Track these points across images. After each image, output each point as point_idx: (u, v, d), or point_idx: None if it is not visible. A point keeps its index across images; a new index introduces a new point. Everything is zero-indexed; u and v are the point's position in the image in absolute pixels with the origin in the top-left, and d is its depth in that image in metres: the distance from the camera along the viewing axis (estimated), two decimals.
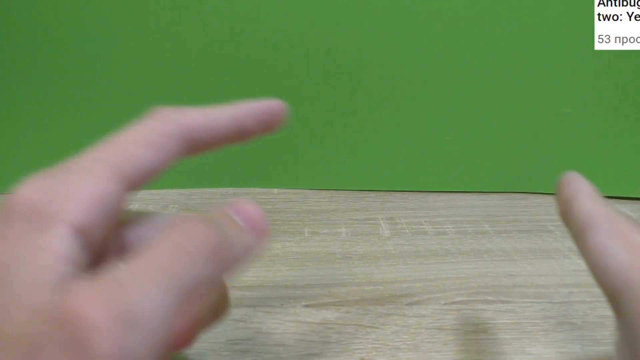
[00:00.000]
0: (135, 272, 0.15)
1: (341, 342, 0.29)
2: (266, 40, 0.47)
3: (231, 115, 0.22)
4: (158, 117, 0.20)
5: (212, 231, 0.16)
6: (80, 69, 0.48)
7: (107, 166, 0.17)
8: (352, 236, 0.41)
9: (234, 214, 0.18)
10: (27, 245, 0.15)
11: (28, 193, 0.16)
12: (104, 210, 0.17)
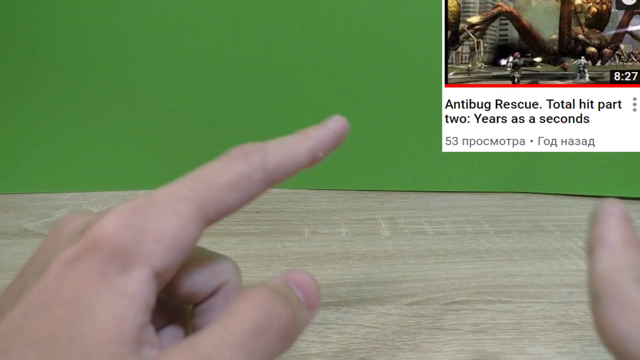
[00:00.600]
0: (219, 348, 0.14)
1: (341, 342, 0.29)
2: (266, 40, 0.47)
3: (309, 149, 0.22)
4: (245, 158, 0.20)
5: (288, 312, 0.16)
6: (80, 68, 0.48)
7: (193, 207, 0.17)
8: (352, 236, 0.41)
9: (295, 288, 0.18)
10: (109, 287, 0.14)
11: (117, 229, 0.15)
12: (184, 253, 0.16)
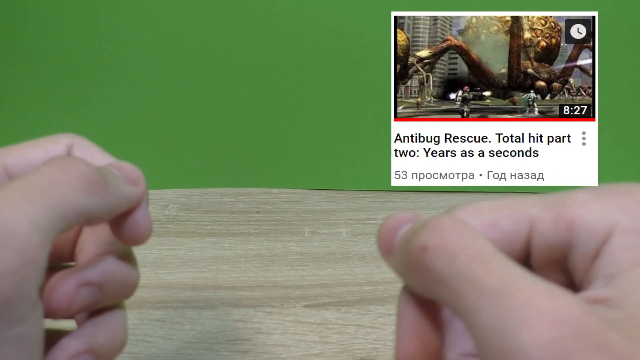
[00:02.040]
0: (7, 190, 0.16)
1: (341, 342, 0.29)
2: (266, 40, 0.47)
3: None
4: None
5: (87, 167, 0.18)
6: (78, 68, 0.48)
7: None
8: (352, 236, 0.41)
9: (111, 168, 0.20)
10: None
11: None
12: None
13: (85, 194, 0.17)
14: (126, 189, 0.19)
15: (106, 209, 0.18)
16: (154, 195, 0.48)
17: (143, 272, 0.35)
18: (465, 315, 0.14)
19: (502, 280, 0.14)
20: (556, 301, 0.13)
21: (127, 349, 0.28)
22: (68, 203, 0.17)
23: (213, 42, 0.47)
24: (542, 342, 0.13)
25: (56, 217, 0.16)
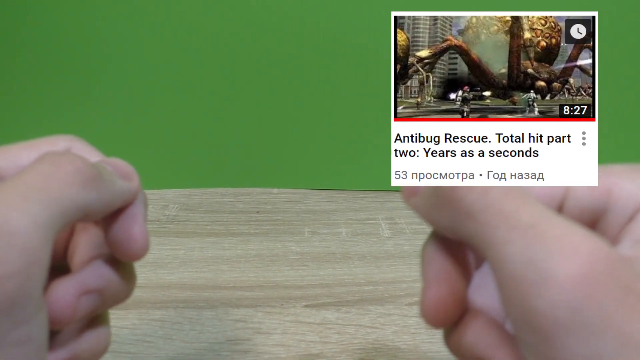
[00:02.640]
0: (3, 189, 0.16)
1: (341, 342, 0.29)
2: (266, 40, 0.47)
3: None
4: None
5: (85, 164, 0.18)
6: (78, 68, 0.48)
7: None
8: (352, 236, 0.41)
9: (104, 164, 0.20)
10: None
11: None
12: None
13: (82, 189, 0.17)
14: (120, 184, 0.19)
15: (102, 204, 0.18)
16: (154, 195, 0.48)
17: (143, 272, 0.35)
18: (492, 248, 0.15)
19: (535, 216, 0.15)
20: (591, 241, 0.14)
21: (127, 349, 0.28)
22: (66, 199, 0.17)
23: (213, 42, 0.47)
24: (575, 274, 0.13)
25: (55, 213, 0.16)
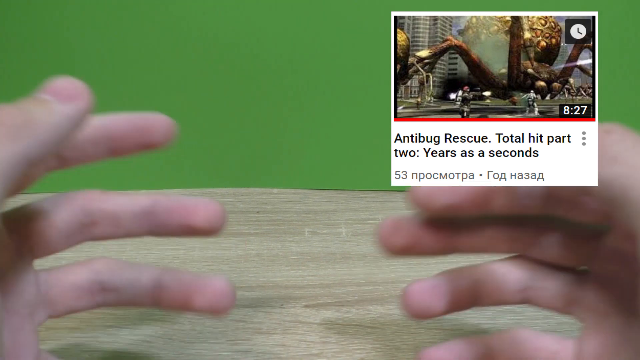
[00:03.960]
0: None
1: (341, 342, 0.29)
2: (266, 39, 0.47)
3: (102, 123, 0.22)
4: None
5: (7, 113, 0.17)
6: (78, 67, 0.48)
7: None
8: (352, 236, 0.41)
9: (40, 94, 0.18)
10: None
11: None
12: None
13: (11, 142, 0.16)
14: (61, 110, 0.18)
15: (45, 146, 0.17)
16: None
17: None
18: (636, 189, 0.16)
19: None
20: None
21: (127, 349, 0.28)
22: (3, 155, 0.16)
23: (212, 42, 0.47)
24: None
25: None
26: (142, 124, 0.23)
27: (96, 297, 0.23)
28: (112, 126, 0.23)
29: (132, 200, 0.23)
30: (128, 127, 0.23)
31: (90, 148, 0.22)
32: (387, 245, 0.23)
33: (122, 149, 0.23)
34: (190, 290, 0.22)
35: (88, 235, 0.23)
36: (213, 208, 0.23)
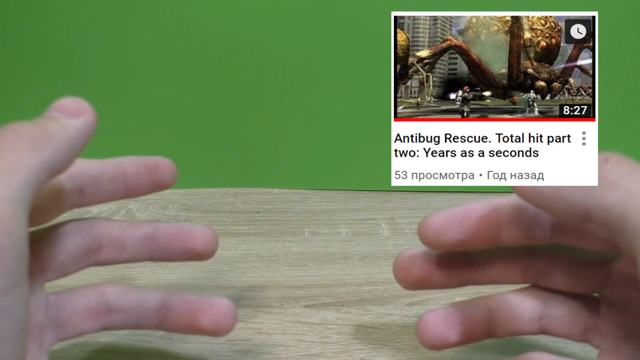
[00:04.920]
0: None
1: (341, 342, 0.29)
2: (266, 39, 0.47)
3: (118, 163, 0.25)
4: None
5: (26, 127, 0.18)
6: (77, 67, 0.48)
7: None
8: (352, 236, 0.41)
9: (49, 113, 0.20)
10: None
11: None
12: None
13: (33, 152, 0.18)
14: (72, 124, 0.20)
15: (62, 155, 0.19)
16: (154, 196, 0.48)
17: (143, 272, 0.35)
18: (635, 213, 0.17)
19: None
20: None
21: (127, 349, 0.28)
22: (21, 168, 0.17)
23: (212, 42, 0.47)
24: None
25: (17, 185, 0.17)
26: (152, 165, 0.25)
27: (102, 318, 0.24)
28: (127, 165, 0.25)
29: (135, 226, 0.25)
30: (140, 167, 0.25)
31: (110, 185, 0.24)
32: (403, 278, 0.24)
33: (136, 187, 0.25)
34: (195, 309, 0.24)
35: (94, 259, 0.24)
36: (209, 233, 0.25)
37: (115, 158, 0.25)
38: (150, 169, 0.25)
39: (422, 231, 0.22)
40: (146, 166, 0.25)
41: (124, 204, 0.46)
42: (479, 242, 0.22)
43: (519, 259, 0.24)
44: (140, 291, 0.24)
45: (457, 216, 0.22)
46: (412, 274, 0.23)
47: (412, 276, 0.23)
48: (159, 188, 0.25)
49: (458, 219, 0.22)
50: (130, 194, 0.25)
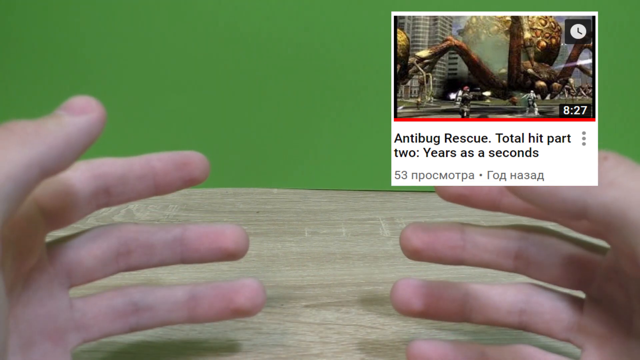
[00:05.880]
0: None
1: (341, 342, 0.29)
2: (266, 39, 0.47)
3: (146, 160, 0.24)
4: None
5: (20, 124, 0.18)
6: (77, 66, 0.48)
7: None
8: (352, 236, 0.41)
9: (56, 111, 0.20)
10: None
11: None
12: None
13: (21, 148, 0.17)
14: (71, 121, 0.19)
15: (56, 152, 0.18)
16: None
17: (143, 272, 0.35)
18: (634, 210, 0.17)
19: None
20: None
21: (127, 349, 0.28)
22: (5, 163, 0.17)
23: (213, 42, 0.47)
24: None
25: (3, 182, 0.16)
26: (181, 161, 0.25)
27: (130, 319, 0.24)
28: (156, 163, 0.24)
29: (164, 229, 0.25)
30: (169, 163, 0.24)
31: (138, 183, 0.24)
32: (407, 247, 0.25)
33: (166, 184, 0.25)
34: (229, 292, 0.24)
35: (124, 264, 0.24)
36: (239, 231, 0.25)
37: (144, 155, 0.24)
38: (180, 165, 0.24)
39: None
40: (176, 162, 0.24)
41: (124, 204, 0.46)
42: (481, 202, 0.24)
43: (512, 244, 0.24)
44: (166, 288, 0.25)
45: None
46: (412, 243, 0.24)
47: (411, 245, 0.24)
48: (190, 184, 0.25)
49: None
50: (160, 192, 0.25)
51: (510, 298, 0.24)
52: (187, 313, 0.24)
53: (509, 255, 0.24)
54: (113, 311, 0.24)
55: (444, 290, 0.24)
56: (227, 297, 0.24)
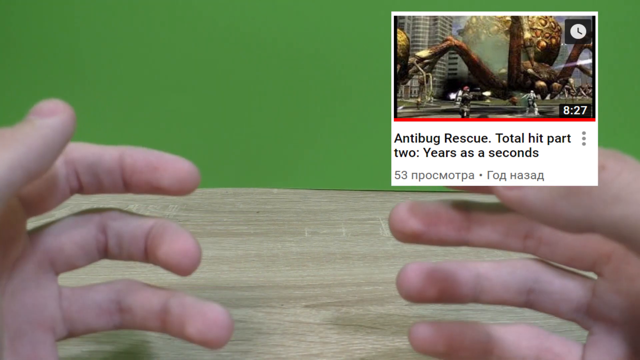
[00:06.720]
0: None
1: (341, 342, 0.29)
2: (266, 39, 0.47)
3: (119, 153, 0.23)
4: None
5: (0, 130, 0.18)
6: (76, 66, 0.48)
7: None
8: (352, 236, 0.41)
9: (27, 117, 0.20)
10: None
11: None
12: None
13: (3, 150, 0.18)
14: (45, 123, 0.19)
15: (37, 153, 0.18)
16: (154, 196, 0.48)
17: (143, 272, 0.35)
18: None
19: None
20: None
21: (127, 349, 0.28)
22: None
23: (212, 41, 0.47)
24: None
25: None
26: (153, 163, 0.22)
27: (114, 317, 0.23)
28: (127, 157, 0.22)
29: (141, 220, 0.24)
30: (141, 162, 0.22)
31: (105, 177, 0.22)
32: (399, 229, 0.22)
33: (133, 184, 0.22)
34: (185, 315, 0.21)
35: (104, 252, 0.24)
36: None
37: (121, 147, 0.22)
38: (150, 168, 0.22)
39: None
40: (148, 163, 0.22)
41: (124, 203, 0.46)
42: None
43: (522, 223, 0.23)
44: (150, 291, 0.23)
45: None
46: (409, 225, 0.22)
47: (409, 228, 0.22)
48: (159, 192, 0.22)
49: None
50: (132, 191, 0.23)
51: (520, 277, 0.23)
52: (160, 324, 0.22)
53: (519, 234, 0.23)
54: (98, 307, 0.23)
55: (456, 272, 0.23)
56: (182, 321, 0.21)
